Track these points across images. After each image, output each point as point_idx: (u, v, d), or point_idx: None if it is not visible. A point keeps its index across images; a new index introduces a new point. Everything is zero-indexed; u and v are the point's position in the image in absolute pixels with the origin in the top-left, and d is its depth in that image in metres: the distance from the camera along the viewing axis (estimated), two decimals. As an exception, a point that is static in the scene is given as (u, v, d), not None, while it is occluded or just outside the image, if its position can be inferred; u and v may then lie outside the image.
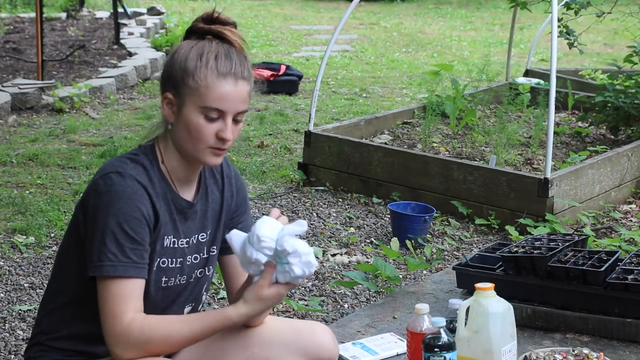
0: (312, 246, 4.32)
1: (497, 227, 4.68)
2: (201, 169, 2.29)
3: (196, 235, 2.27)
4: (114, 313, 2.05)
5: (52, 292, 2.27)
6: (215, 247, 2.33)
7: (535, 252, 3.23)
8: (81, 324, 2.19)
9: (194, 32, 2.19)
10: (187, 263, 2.26)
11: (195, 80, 2.12)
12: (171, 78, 2.16)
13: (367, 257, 4.30)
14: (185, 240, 2.24)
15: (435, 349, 2.35)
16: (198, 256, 2.28)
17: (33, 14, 10.36)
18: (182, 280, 2.26)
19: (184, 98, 2.14)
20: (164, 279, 2.20)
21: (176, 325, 2.09)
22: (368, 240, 4.56)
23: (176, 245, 2.21)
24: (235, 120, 2.16)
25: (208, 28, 2.18)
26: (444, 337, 2.36)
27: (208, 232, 2.30)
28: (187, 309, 2.33)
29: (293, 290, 3.93)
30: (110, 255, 2.05)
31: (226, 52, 2.15)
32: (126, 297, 2.06)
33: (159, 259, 2.18)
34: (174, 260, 2.22)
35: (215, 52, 2.15)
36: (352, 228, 4.72)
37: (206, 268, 2.32)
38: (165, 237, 2.18)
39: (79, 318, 2.20)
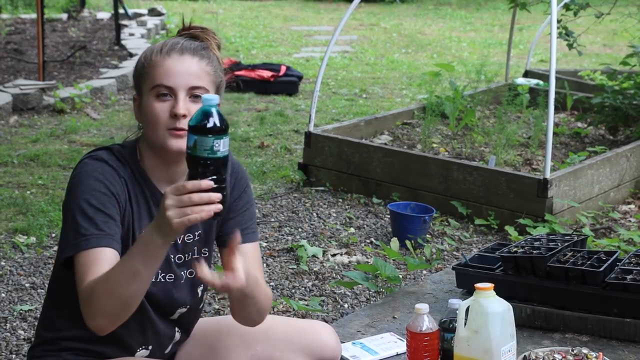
0: (312, 246, 4.39)
1: (496, 227, 4.69)
2: None
3: (181, 236, 2.19)
4: (78, 283, 1.97)
5: (56, 292, 2.24)
6: (207, 249, 2.27)
7: (535, 252, 3.24)
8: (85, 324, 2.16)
9: None
10: (173, 261, 2.20)
11: (144, 66, 2.14)
12: (133, 79, 2.20)
13: (367, 257, 4.31)
14: None
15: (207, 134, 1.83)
16: (182, 257, 2.22)
17: (34, 15, 10.37)
18: (169, 278, 2.19)
19: (141, 89, 2.15)
20: None
21: (113, 268, 1.94)
22: (368, 241, 4.57)
23: None
24: (194, 97, 2.10)
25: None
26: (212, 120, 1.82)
27: (196, 233, 2.23)
28: (183, 309, 2.27)
29: (293, 290, 3.95)
30: (82, 230, 2.00)
31: (179, 40, 2.16)
32: (89, 265, 1.97)
33: None
34: None
35: (166, 40, 2.17)
36: (352, 228, 4.73)
37: None
38: (143, 230, 2.10)
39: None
